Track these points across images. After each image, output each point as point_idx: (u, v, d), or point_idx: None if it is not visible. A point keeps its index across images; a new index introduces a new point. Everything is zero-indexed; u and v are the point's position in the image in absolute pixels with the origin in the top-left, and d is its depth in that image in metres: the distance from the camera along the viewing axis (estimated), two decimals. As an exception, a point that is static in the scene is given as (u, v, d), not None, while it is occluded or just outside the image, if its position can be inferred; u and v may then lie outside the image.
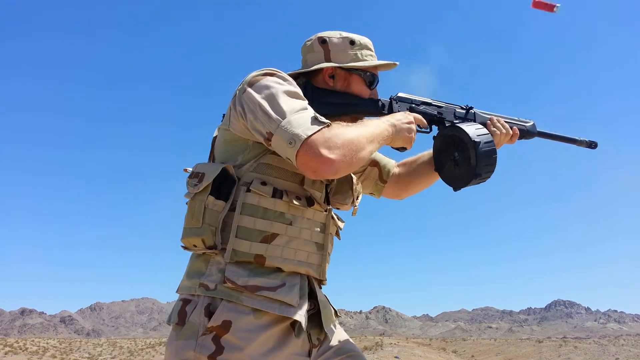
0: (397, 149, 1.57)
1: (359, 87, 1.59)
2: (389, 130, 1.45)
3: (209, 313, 1.30)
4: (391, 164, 1.87)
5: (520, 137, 1.80)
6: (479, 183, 1.59)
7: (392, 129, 1.46)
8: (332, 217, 1.54)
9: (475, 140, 1.54)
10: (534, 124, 1.84)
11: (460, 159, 1.59)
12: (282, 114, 1.29)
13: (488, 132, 1.59)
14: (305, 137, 1.25)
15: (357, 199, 1.63)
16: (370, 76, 1.60)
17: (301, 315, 1.36)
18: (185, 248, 1.43)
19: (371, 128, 1.39)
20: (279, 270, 1.38)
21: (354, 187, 1.59)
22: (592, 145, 1.91)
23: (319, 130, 1.27)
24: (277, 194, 1.38)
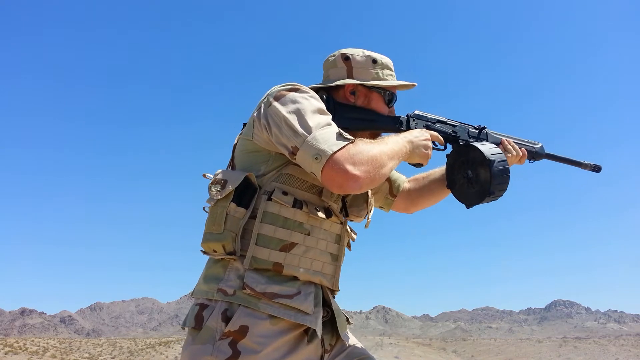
0: (414, 164, 1.62)
1: (378, 105, 1.64)
2: (407, 147, 1.49)
3: (227, 318, 1.32)
4: (402, 179, 1.92)
5: (529, 159, 1.87)
6: (491, 201, 1.63)
7: (409, 145, 1.51)
8: (347, 229, 1.58)
9: (490, 158, 1.58)
10: (542, 146, 1.89)
11: (474, 177, 1.63)
12: (308, 129, 1.33)
13: (501, 152, 1.63)
14: (331, 153, 1.29)
15: (370, 211, 1.68)
16: (389, 95, 1.65)
17: (316, 323, 1.40)
18: (205, 253, 1.45)
19: (391, 145, 1.44)
20: (294, 278, 1.41)
21: (369, 200, 1.64)
22: (596, 169, 1.94)
23: (344, 147, 1.31)
24: (297, 204, 1.42)
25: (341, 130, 1.36)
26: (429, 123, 1.73)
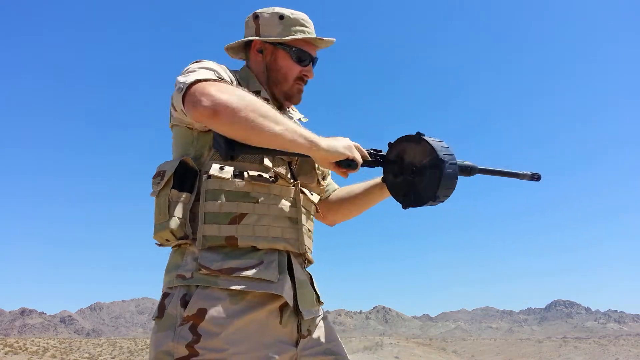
0: (341, 167, 1.41)
1: (285, 63, 1.55)
2: (307, 140, 1.31)
3: (185, 303, 1.30)
4: (333, 187, 1.83)
5: (464, 174, 1.66)
6: (434, 205, 1.47)
7: (310, 142, 1.31)
8: (303, 192, 1.52)
9: (443, 159, 1.39)
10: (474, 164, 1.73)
11: (418, 177, 1.44)
12: (188, 80, 1.28)
13: (453, 153, 1.43)
14: (195, 80, 1.25)
15: (323, 179, 1.67)
16: (296, 51, 1.55)
17: (283, 290, 1.36)
18: (159, 245, 1.44)
19: (289, 123, 1.29)
20: (255, 249, 1.37)
21: (316, 166, 1.58)
22: (534, 177, 1.79)
23: (215, 80, 1.28)
24: (237, 175, 1.39)
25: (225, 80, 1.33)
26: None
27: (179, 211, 1.37)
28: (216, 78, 1.31)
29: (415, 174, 1.44)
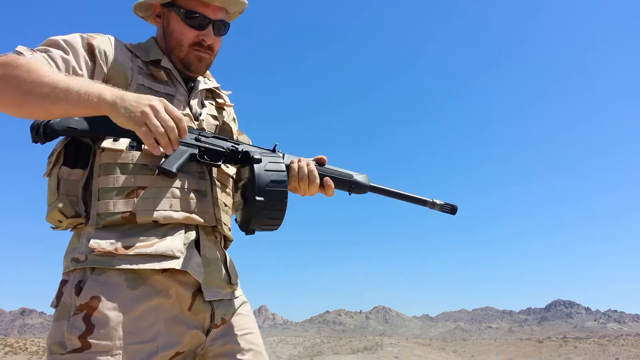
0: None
1: (176, 26, 1.39)
2: (100, 97, 1.12)
3: (79, 290, 1.18)
4: None
5: (345, 189, 1.50)
6: (266, 229, 1.32)
7: (106, 98, 1.12)
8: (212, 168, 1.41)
9: (260, 176, 1.27)
10: (366, 176, 1.52)
11: (245, 197, 1.34)
12: None
13: (283, 170, 1.31)
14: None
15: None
16: (186, 13, 1.37)
17: (187, 265, 1.25)
18: (54, 228, 1.32)
19: (70, 81, 1.12)
20: (157, 225, 1.26)
21: (234, 133, 1.54)
22: (444, 208, 1.56)
23: (16, 52, 1.17)
24: (135, 146, 1.27)
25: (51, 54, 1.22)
26: (202, 135, 1.35)
27: (70, 189, 1.26)
28: (26, 50, 1.18)
29: (242, 197, 1.36)
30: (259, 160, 1.30)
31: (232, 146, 1.37)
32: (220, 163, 1.36)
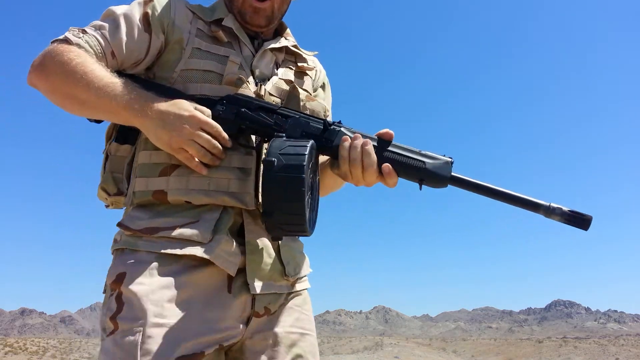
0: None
1: None
2: (131, 114, 1.08)
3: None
4: None
5: (414, 180, 1.14)
6: (288, 230, 1.04)
7: (138, 118, 1.08)
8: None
9: (270, 158, 1.01)
10: (447, 163, 1.13)
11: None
12: None
13: (303, 154, 1.02)
14: (51, 41, 1.14)
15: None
16: None
17: (212, 252, 1.09)
18: (107, 206, 1.29)
19: (106, 89, 1.08)
20: (190, 205, 1.13)
21: (301, 105, 1.32)
22: (570, 219, 1.17)
23: (59, 41, 1.14)
24: None
25: (101, 32, 1.17)
26: (245, 109, 1.16)
27: (116, 166, 1.21)
28: (75, 35, 1.14)
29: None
30: (279, 137, 1.07)
31: (279, 118, 1.16)
32: (254, 146, 1.19)
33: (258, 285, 1.13)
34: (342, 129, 1.16)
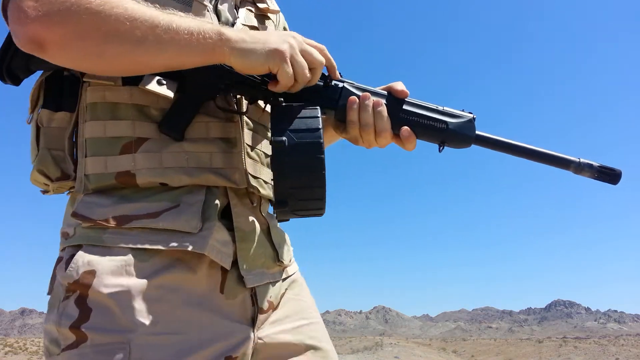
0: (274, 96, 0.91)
1: None
2: (222, 36, 0.81)
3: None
4: None
5: (435, 142, 0.99)
6: (302, 211, 0.88)
7: (230, 37, 0.82)
8: (247, 106, 1.00)
9: (279, 138, 0.84)
10: (469, 120, 0.98)
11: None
12: None
13: (319, 127, 0.86)
14: None
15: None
16: None
17: (204, 245, 0.86)
18: (44, 192, 0.96)
19: (171, 17, 0.80)
20: (166, 187, 0.88)
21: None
22: (600, 174, 1.10)
23: None
24: (130, 79, 0.87)
25: None
26: (222, 64, 0.88)
27: (54, 141, 0.89)
28: None
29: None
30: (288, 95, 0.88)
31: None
32: (245, 110, 0.96)
33: (253, 277, 0.94)
34: (345, 84, 0.96)
